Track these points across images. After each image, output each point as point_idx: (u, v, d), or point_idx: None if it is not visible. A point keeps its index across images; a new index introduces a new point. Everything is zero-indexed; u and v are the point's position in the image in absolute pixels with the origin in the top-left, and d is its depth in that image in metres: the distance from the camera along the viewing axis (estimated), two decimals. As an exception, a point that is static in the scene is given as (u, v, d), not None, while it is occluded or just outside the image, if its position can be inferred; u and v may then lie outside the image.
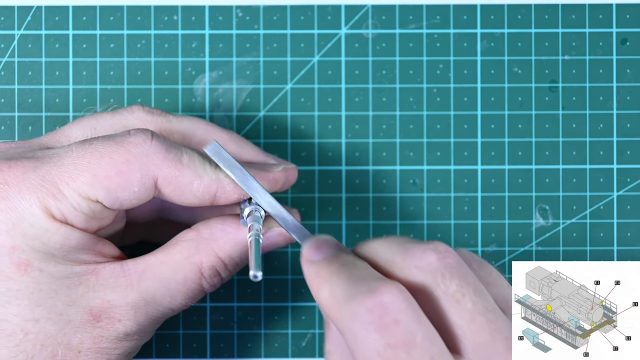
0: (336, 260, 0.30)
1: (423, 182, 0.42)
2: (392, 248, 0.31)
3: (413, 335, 0.27)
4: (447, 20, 0.42)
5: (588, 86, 0.42)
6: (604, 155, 0.42)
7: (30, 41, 0.42)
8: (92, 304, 0.32)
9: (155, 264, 0.33)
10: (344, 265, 0.30)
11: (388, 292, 0.28)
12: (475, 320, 0.29)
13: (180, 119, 0.37)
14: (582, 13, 0.42)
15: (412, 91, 0.42)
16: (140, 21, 0.42)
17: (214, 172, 0.33)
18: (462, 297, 0.29)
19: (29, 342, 0.32)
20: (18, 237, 0.32)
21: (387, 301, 0.28)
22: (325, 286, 0.29)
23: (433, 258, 0.29)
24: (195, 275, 0.34)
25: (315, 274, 0.30)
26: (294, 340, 0.42)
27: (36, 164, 0.32)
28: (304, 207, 0.42)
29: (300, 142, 0.42)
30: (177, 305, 0.34)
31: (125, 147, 0.32)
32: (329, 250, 0.31)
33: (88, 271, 0.33)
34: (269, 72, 0.42)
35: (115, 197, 0.32)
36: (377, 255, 0.31)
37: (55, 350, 0.32)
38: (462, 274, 0.29)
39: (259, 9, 0.42)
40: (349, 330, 0.28)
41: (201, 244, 0.34)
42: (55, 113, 0.42)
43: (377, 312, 0.27)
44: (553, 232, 0.42)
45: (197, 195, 0.33)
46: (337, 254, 0.31)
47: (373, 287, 0.28)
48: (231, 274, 0.35)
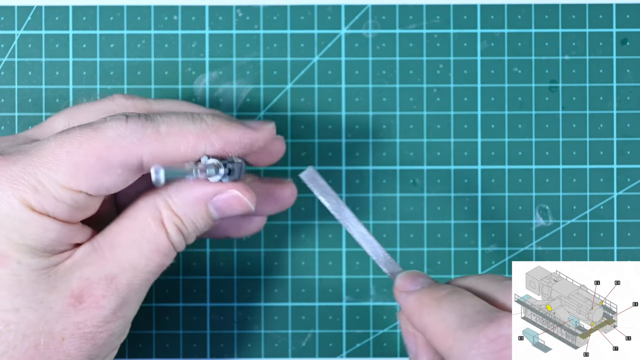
0: (440, 289, 0.32)
1: (423, 182, 0.42)
2: (491, 285, 0.32)
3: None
4: (447, 20, 0.42)
5: (588, 86, 0.42)
6: (604, 155, 0.42)
7: (30, 41, 0.42)
8: (72, 286, 0.32)
9: (122, 230, 0.33)
10: (453, 294, 0.31)
11: (509, 324, 0.29)
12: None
13: (162, 101, 0.37)
14: (582, 13, 0.42)
15: (412, 91, 0.42)
16: (140, 21, 0.42)
17: (199, 125, 0.33)
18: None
19: (10, 333, 0.32)
20: None
21: (510, 332, 0.29)
22: (434, 313, 0.30)
23: None
24: (161, 230, 0.33)
25: (417, 301, 0.32)
26: (294, 340, 0.42)
27: (17, 157, 0.32)
28: (304, 207, 0.42)
29: (300, 142, 0.42)
30: (153, 265, 0.33)
31: (102, 133, 0.32)
32: (424, 281, 0.33)
33: (65, 257, 0.33)
34: (269, 72, 0.42)
35: (100, 184, 0.32)
36: (476, 290, 0.32)
37: (38, 339, 0.32)
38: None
39: (259, 9, 0.42)
40: (463, 358, 0.29)
41: (157, 200, 0.34)
42: (55, 113, 0.42)
43: (500, 343, 0.28)
44: (553, 232, 0.42)
45: (187, 156, 0.33)
46: (435, 284, 0.33)
47: (493, 317, 0.29)
48: (194, 233, 0.34)
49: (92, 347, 0.33)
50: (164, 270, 0.34)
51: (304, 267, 0.42)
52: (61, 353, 0.32)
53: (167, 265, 0.34)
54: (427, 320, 0.31)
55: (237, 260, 0.42)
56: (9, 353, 0.32)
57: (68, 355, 0.32)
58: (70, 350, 0.32)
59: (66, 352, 0.32)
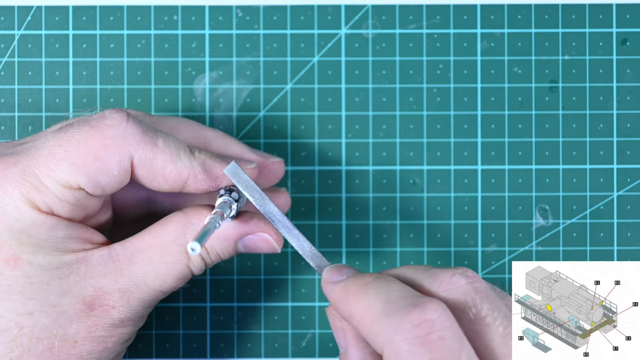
0: (366, 276, 0.31)
1: (423, 182, 0.42)
2: (418, 273, 0.32)
3: (458, 353, 0.28)
4: (447, 20, 0.42)
5: (588, 86, 0.42)
6: (604, 155, 0.42)
7: (30, 41, 0.42)
8: (85, 293, 0.32)
9: (144, 248, 0.33)
10: (378, 280, 0.30)
11: (434, 308, 0.28)
12: (507, 344, 0.29)
13: (164, 118, 0.37)
14: (582, 13, 0.42)
15: (412, 91, 0.42)
16: (140, 21, 0.42)
17: (188, 160, 0.33)
18: (493, 321, 0.29)
19: (24, 337, 0.32)
20: (5, 233, 0.32)
21: (434, 317, 0.28)
22: (360, 299, 0.30)
23: (462, 282, 0.30)
24: (183, 257, 0.34)
25: (343, 289, 0.31)
26: (294, 340, 0.42)
27: (16, 158, 0.32)
28: (304, 207, 0.42)
29: (300, 142, 0.42)
30: (168, 287, 0.34)
31: (101, 131, 0.32)
32: (350, 271, 0.32)
33: (78, 260, 0.33)
34: (269, 72, 0.42)
35: (97, 183, 0.32)
36: (403, 278, 0.32)
37: (52, 342, 0.32)
38: (492, 298, 0.30)
39: (259, 9, 0.42)
40: (390, 345, 0.28)
41: (188, 228, 0.34)
42: (55, 113, 0.42)
43: (424, 327, 0.28)
44: (553, 232, 0.42)
45: (169, 180, 0.33)
46: (361, 273, 0.32)
47: (417, 302, 0.28)
48: (213, 263, 0.35)
49: (103, 350, 0.33)
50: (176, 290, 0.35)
51: (304, 268, 0.42)
52: (74, 356, 0.33)
53: (181, 286, 0.35)
54: (353, 307, 0.30)
55: (237, 260, 0.42)
56: (24, 357, 0.32)
57: (80, 357, 0.33)
58: (83, 353, 0.33)
59: (78, 355, 0.33)
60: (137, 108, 0.42)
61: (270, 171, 0.38)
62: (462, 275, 0.30)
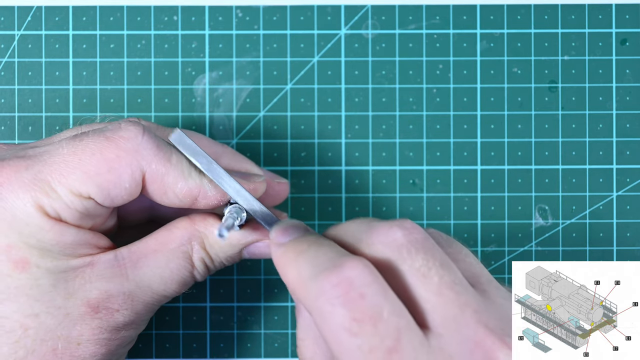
0: (303, 241, 0.31)
1: (423, 182, 0.42)
2: (359, 227, 0.31)
3: (379, 308, 0.27)
4: (447, 20, 0.42)
5: (587, 86, 0.42)
6: (603, 155, 0.42)
7: (30, 41, 0.42)
8: (90, 296, 0.33)
9: (149, 253, 0.34)
10: (310, 245, 0.30)
11: (353, 267, 0.28)
12: (442, 294, 0.28)
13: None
14: (582, 13, 0.42)
15: (411, 91, 0.42)
16: (140, 21, 0.42)
17: (199, 177, 0.33)
18: (428, 270, 0.29)
19: (28, 338, 0.32)
20: (14, 236, 0.32)
21: (352, 276, 0.28)
22: (292, 266, 0.30)
23: (399, 234, 0.29)
24: (188, 263, 0.34)
25: (282, 255, 0.30)
26: (294, 340, 0.42)
27: (28, 162, 0.32)
28: (303, 207, 0.42)
29: (300, 142, 0.42)
30: (171, 292, 0.34)
31: (115, 143, 0.32)
32: (296, 232, 0.32)
33: (84, 264, 0.33)
34: (268, 73, 0.42)
35: (107, 194, 0.32)
36: (345, 235, 0.31)
37: (55, 344, 0.32)
38: (428, 248, 0.29)
39: (259, 9, 0.42)
40: (315, 308, 0.28)
41: (194, 235, 0.34)
42: (55, 113, 0.42)
43: (342, 286, 0.27)
44: (553, 232, 0.42)
45: (179, 196, 0.33)
46: (304, 235, 0.31)
47: (338, 263, 0.28)
48: (217, 269, 0.35)
49: (106, 353, 0.33)
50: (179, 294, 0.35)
51: (304, 267, 0.42)
52: (77, 358, 0.33)
53: (184, 291, 0.35)
54: (289, 275, 0.30)
55: (237, 260, 0.42)
56: (27, 358, 0.32)
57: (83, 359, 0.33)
58: (85, 355, 0.33)
59: (81, 357, 0.33)
60: (137, 108, 0.42)
61: (274, 191, 0.39)
62: (399, 227, 0.30)
